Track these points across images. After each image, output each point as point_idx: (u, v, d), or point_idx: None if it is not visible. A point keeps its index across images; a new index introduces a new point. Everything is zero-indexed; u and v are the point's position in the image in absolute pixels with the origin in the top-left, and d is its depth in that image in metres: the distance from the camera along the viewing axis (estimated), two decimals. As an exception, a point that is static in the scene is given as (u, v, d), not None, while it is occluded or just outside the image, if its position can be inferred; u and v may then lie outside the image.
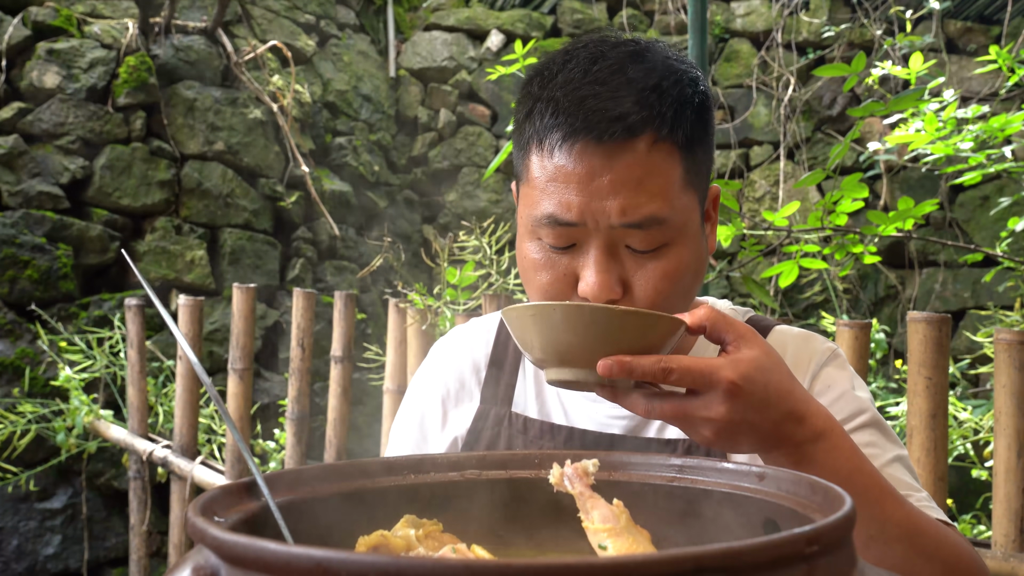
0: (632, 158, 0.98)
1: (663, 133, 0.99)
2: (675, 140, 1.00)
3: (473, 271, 2.69)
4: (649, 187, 0.98)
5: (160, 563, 3.82)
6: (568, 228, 1.00)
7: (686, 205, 1.03)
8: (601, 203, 0.98)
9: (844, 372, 1.12)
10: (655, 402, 0.86)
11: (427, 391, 1.25)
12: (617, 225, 0.98)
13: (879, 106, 2.37)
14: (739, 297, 4.95)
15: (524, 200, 1.06)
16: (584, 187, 0.98)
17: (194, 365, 0.80)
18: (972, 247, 3.00)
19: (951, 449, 2.75)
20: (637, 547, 0.70)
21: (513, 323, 0.91)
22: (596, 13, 5.53)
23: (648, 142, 0.98)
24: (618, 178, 0.98)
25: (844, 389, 1.09)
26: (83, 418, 3.57)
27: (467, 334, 1.28)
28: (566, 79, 1.01)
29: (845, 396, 1.09)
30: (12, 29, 3.97)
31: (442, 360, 1.27)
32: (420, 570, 0.48)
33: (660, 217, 0.99)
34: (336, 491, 0.77)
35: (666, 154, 0.99)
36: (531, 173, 1.04)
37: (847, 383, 1.11)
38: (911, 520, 0.90)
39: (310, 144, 4.98)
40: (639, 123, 0.98)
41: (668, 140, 0.99)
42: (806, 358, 1.12)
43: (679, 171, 1.01)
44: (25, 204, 3.86)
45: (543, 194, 1.01)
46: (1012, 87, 4.47)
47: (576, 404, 1.15)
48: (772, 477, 0.74)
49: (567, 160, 0.99)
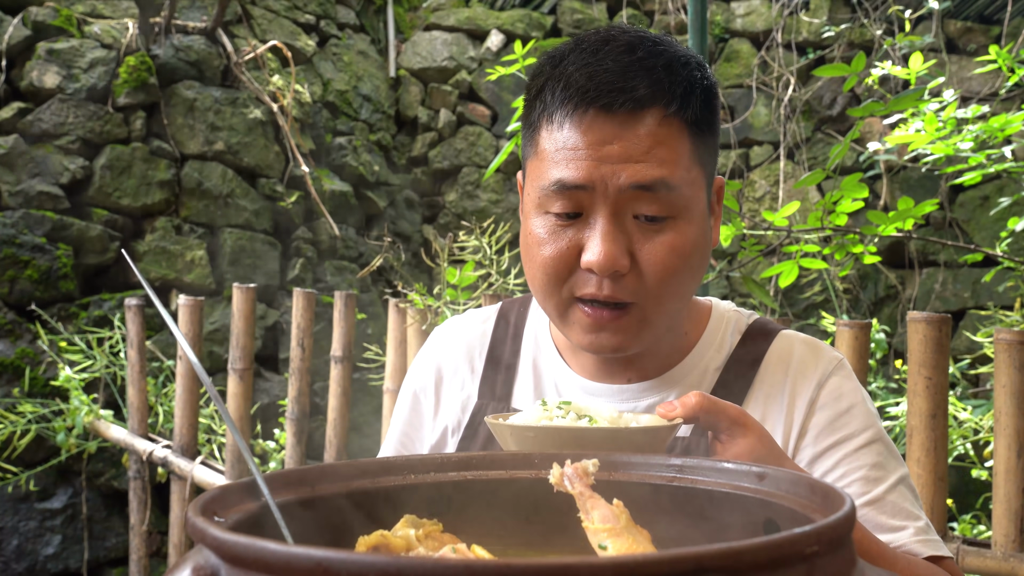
0: (642, 129, 0.98)
1: (672, 109, 0.99)
2: (684, 118, 1.00)
3: (473, 271, 2.69)
4: (658, 155, 0.99)
5: (160, 563, 3.82)
6: (576, 192, 0.99)
7: (694, 180, 1.03)
8: (611, 167, 0.98)
9: (852, 383, 1.12)
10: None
11: (421, 377, 1.26)
12: (627, 187, 0.98)
13: (879, 106, 2.37)
14: (739, 297, 4.95)
15: (532, 175, 1.06)
16: (594, 152, 0.98)
17: (194, 365, 0.80)
18: (972, 247, 3.00)
19: (951, 449, 2.75)
20: (637, 547, 0.70)
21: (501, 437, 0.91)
22: (596, 13, 5.53)
23: (657, 116, 0.99)
24: (628, 145, 0.98)
25: (853, 402, 1.09)
26: (83, 418, 3.57)
27: (464, 324, 1.28)
28: (577, 59, 1.01)
29: (854, 410, 1.09)
30: (12, 29, 3.97)
31: (437, 348, 1.27)
32: (420, 570, 0.48)
33: (669, 182, 0.99)
34: (336, 491, 0.77)
35: (675, 129, 1.00)
36: (540, 147, 1.03)
37: (857, 395, 1.11)
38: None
39: (310, 144, 4.98)
40: (649, 97, 0.98)
41: (677, 117, 1.00)
42: (812, 365, 1.12)
43: (687, 146, 1.01)
44: (25, 204, 3.86)
45: (552, 163, 1.01)
46: (1012, 87, 4.47)
47: (575, 399, 1.15)
48: (772, 477, 0.74)
49: (577, 130, 0.99)
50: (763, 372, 1.11)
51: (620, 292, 1.01)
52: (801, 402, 1.09)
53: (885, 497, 1.04)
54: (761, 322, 1.18)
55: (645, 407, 1.11)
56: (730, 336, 1.15)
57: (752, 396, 1.10)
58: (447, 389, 1.23)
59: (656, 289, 1.02)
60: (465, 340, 1.25)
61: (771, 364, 1.12)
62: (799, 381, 1.10)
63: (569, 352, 1.18)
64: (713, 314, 1.17)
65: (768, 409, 1.09)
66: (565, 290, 1.04)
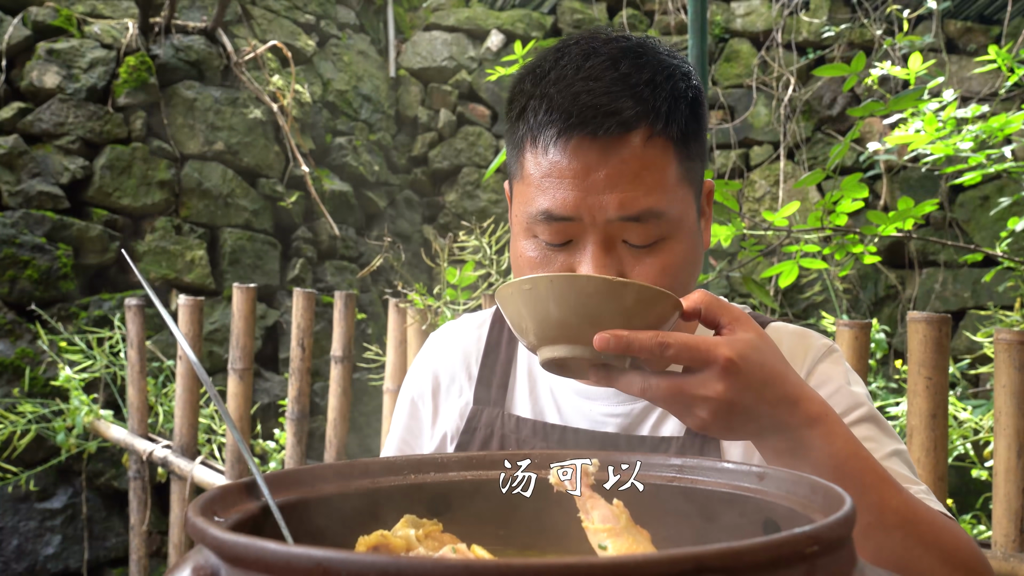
0: (628, 153, 0.98)
1: (658, 128, 0.99)
2: (669, 135, 1.00)
3: (473, 271, 2.69)
4: (646, 181, 0.98)
5: (160, 563, 3.82)
6: (564, 223, 0.99)
7: (682, 199, 1.02)
8: (598, 197, 0.98)
9: (839, 367, 1.12)
10: (651, 380, 0.84)
11: (418, 384, 1.26)
12: (615, 219, 0.98)
13: (879, 106, 2.37)
14: (739, 297, 4.95)
15: (519, 198, 1.06)
16: (580, 182, 0.98)
17: (194, 365, 0.80)
18: (972, 247, 3.00)
19: (951, 449, 2.75)
20: (637, 547, 0.70)
21: (506, 301, 0.89)
22: (596, 13, 5.53)
23: (643, 137, 0.98)
24: (614, 172, 0.97)
25: (839, 384, 1.09)
26: (83, 418, 3.57)
27: (458, 329, 1.28)
28: (559, 76, 1.00)
29: (841, 391, 1.08)
30: (12, 29, 3.97)
31: (433, 354, 1.27)
32: (420, 570, 0.48)
33: (658, 210, 0.99)
34: (336, 491, 0.77)
35: (661, 149, 0.99)
36: (526, 170, 1.03)
37: (842, 378, 1.10)
38: (909, 507, 0.89)
39: (310, 144, 4.98)
40: (634, 118, 0.98)
41: (663, 135, 0.99)
42: (802, 353, 1.11)
43: (674, 165, 1.01)
44: (25, 204, 3.86)
45: (538, 191, 1.01)
46: (1012, 87, 4.46)
47: (570, 401, 1.14)
48: (772, 477, 0.74)
49: (562, 156, 0.99)
50: None
51: None
52: None
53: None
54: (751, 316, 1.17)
55: (640, 409, 1.11)
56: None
57: None
58: (445, 396, 1.23)
59: None
60: (461, 346, 1.25)
61: None
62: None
63: None
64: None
65: None
66: None
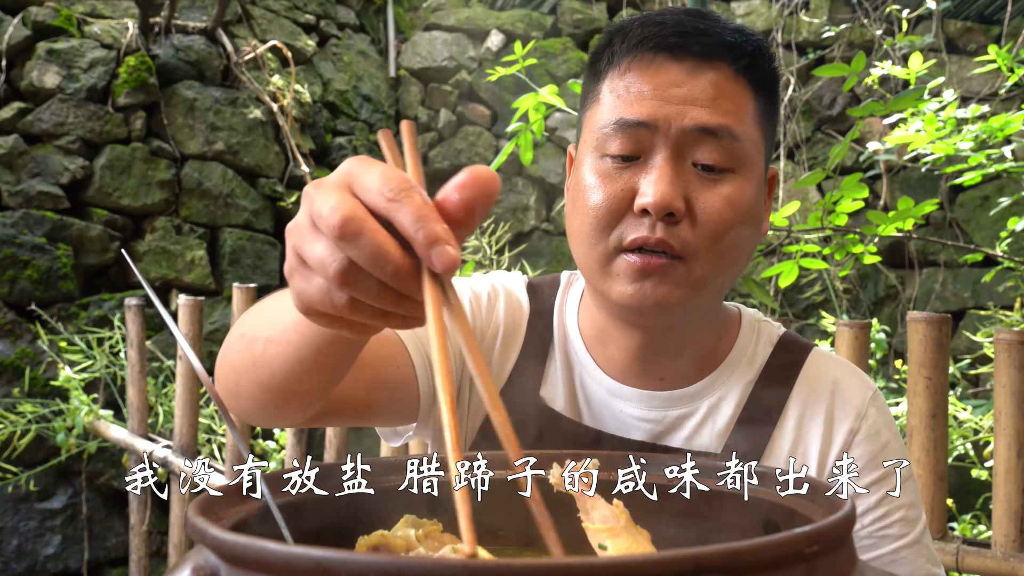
0: (708, 79, 0.97)
1: (740, 64, 0.99)
2: (751, 77, 0.99)
3: (473, 271, 2.69)
4: (723, 105, 0.97)
5: (160, 563, 3.82)
6: (637, 130, 0.97)
7: (756, 140, 1.00)
8: (676, 107, 0.96)
9: (887, 415, 1.10)
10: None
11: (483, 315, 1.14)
12: (691, 128, 0.96)
13: (879, 106, 2.37)
14: (739, 297, 4.95)
15: (590, 122, 1.03)
16: (659, 93, 0.97)
17: (194, 365, 0.80)
18: (972, 247, 3.00)
19: (951, 449, 2.75)
20: (637, 547, 0.70)
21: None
22: (596, 13, 5.53)
23: (724, 70, 0.98)
24: (694, 90, 0.97)
25: (891, 436, 1.08)
26: (83, 418, 3.57)
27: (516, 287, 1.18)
28: (645, 18, 1.01)
29: (891, 444, 1.07)
30: (12, 29, 3.97)
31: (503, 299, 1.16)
32: (420, 570, 0.48)
33: (735, 131, 0.97)
34: (336, 491, 0.77)
35: (741, 87, 0.99)
36: (602, 94, 1.01)
37: (892, 428, 1.09)
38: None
39: (310, 144, 4.98)
40: (717, 49, 0.98)
41: (744, 75, 0.99)
42: (851, 391, 1.08)
43: (752, 107, 1.00)
44: (25, 204, 3.86)
45: (614, 105, 0.99)
46: (1012, 87, 4.46)
47: (600, 400, 1.10)
48: (772, 477, 0.74)
49: (643, 73, 0.98)
50: (798, 389, 1.08)
51: (672, 239, 0.95)
52: (842, 427, 1.06)
53: (921, 539, 1.04)
54: (792, 336, 1.15)
55: (675, 418, 1.07)
56: (762, 348, 1.11)
57: (787, 413, 1.07)
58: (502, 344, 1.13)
59: (709, 243, 0.96)
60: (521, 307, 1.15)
61: (807, 382, 1.09)
62: (838, 404, 1.07)
63: (597, 345, 1.11)
64: (743, 322, 1.13)
65: (804, 428, 1.06)
66: (613, 238, 0.98)
